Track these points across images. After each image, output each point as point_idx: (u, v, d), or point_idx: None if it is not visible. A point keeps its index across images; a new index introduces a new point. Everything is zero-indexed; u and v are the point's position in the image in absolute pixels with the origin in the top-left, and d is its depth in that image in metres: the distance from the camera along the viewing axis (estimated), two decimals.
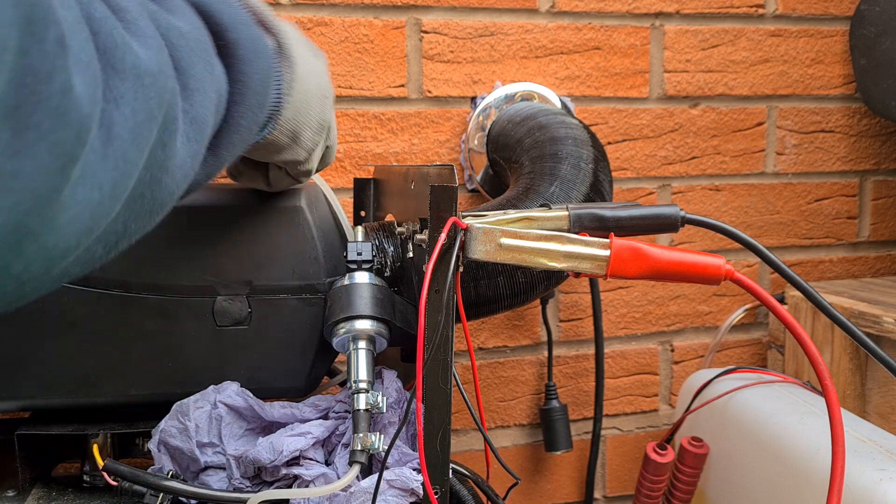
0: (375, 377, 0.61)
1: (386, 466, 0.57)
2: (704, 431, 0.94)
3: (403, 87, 1.01)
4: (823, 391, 0.54)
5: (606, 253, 0.55)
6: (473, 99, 1.03)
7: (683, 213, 0.62)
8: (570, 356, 1.11)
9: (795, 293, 1.04)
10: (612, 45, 1.07)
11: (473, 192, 1.05)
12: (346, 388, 0.64)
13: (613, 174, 1.07)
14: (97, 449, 0.63)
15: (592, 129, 1.01)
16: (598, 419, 1.08)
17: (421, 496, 0.57)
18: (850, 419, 0.85)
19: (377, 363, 0.62)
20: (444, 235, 0.54)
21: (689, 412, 0.97)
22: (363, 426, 0.57)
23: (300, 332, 0.65)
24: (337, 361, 0.80)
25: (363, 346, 0.61)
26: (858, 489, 0.70)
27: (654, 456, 0.92)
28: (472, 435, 1.08)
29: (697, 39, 1.10)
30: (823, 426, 0.77)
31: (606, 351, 1.11)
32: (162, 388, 0.63)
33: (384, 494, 0.57)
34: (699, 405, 0.96)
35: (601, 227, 0.60)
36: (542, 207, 0.62)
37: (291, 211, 0.64)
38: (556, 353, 1.09)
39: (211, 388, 0.62)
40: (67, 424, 0.63)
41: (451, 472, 0.58)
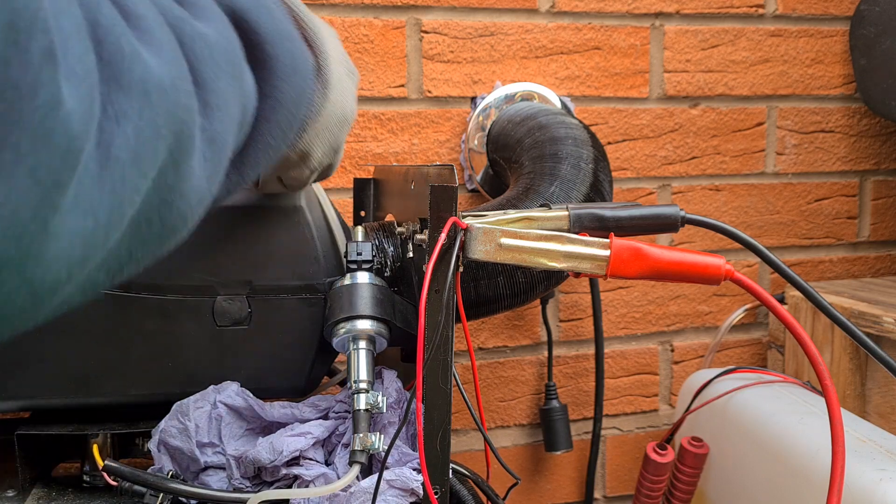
0: (375, 377, 0.61)
1: (386, 466, 0.57)
2: (704, 431, 0.94)
3: (403, 87, 1.01)
4: (823, 391, 0.54)
5: (606, 253, 0.55)
6: (473, 99, 1.03)
7: (683, 213, 0.62)
8: (570, 356, 1.11)
9: (795, 293, 1.04)
10: (612, 45, 1.07)
11: (473, 192, 1.05)
12: (346, 388, 0.64)
13: (613, 174, 1.07)
14: (97, 449, 0.63)
15: (592, 129, 1.01)
16: (598, 419, 1.08)
17: (421, 496, 0.57)
18: (850, 419, 0.85)
19: (377, 363, 0.62)
20: (444, 235, 0.54)
21: (689, 412, 0.97)
22: (363, 426, 0.57)
23: (300, 332, 0.65)
24: (337, 361, 0.80)
25: (363, 346, 0.61)
26: (858, 489, 0.70)
27: (654, 456, 0.92)
28: (472, 435, 1.08)
29: (697, 39, 1.10)
30: (823, 426, 0.77)
31: (606, 351, 1.11)
32: (162, 388, 0.63)
33: (384, 494, 0.57)
34: (699, 405, 0.96)
35: (601, 227, 0.60)
36: (542, 207, 0.62)
37: (291, 211, 0.64)
38: (556, 353, 1.09)
39: (211, 388, 0.62)
40: (67, 424, 0.63)
41: (451, 472, 0.58)
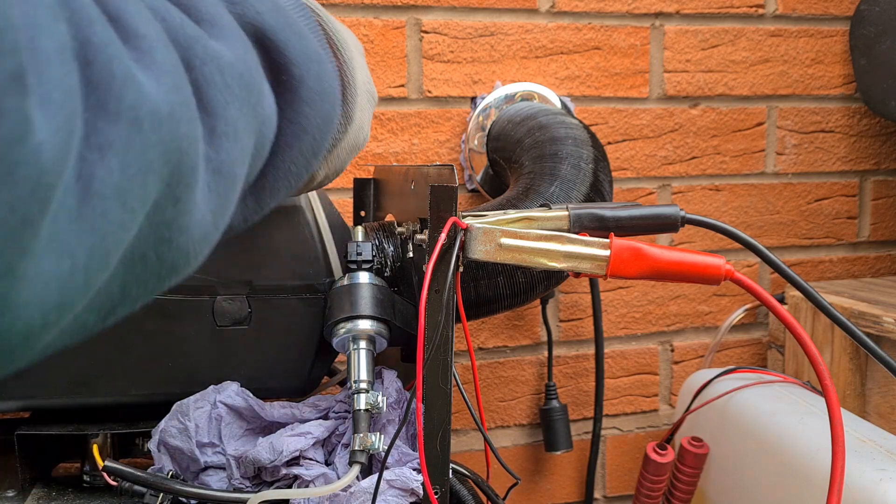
0: (375, 377, 0.61)
1: (386, 466, 0.57)
2: (704, 431, 0.94)
3: (403, 87, 1.01)
4: (823, 391, 0.54)
5: (606, 253, 0.55)
6: (473, 99, 1.03)
7: (683, 213, 0.62)
8: (570, 356, 1.11)
9: (795, 293, 1.04)
10: (612, 45, 1.07)
11: (473, 192, 1.05)
12: (346, 388, 0.64)
13: (613, 174, 1.07)
14: (97, 449, 0.63)
15: (592, 129, 1.01)
16: (598, 419, 1.08)
17: (421, 496, 0.57)
18: (850, 419, 0.85)
19: (377, 363, 0.62)
20: (444, 235, 0.54)
21: (689, 412, 0.97)
22: (363, 426, 0.57)
23: (300, 332, 0.65)
24: (337, 361, 0.80)
25: (363, 346, 0.61)
26: (858, 489, 0.70)
27: (654, 456, 0.92)
28: (472, 435, 1.08)
29: (697, 39, 1.10)
30: (823, 426, 0.77)
31: (606, 351, 1.11)
32: (162, 388, 0.63)
33: (384, 494, 0.57)
34: (699, 405, 0.96)
35: (601, 227, 0.60)
36: (542, 207, 0.62)
37: (291, 211, 0.64)
38: (556, 353, 1.09)
39: (211, 388, 0.62)
40: (67, 424, 0.63)
41: (451, 472, 0.58)
